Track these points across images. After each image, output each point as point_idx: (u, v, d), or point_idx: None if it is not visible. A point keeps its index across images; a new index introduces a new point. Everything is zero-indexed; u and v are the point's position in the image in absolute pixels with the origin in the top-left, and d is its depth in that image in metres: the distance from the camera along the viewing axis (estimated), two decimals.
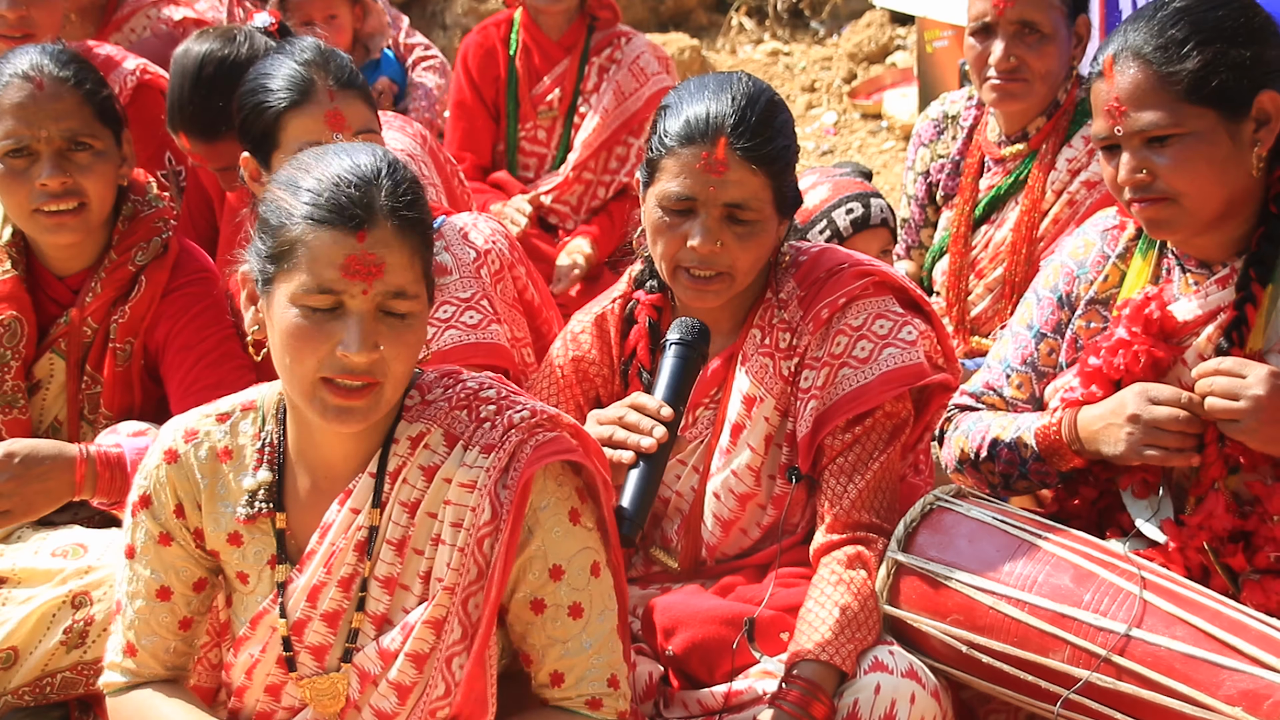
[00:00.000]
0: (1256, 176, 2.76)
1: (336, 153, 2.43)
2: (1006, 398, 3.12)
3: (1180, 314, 2.86)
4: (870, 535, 2.87)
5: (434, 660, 2.47)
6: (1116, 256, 2.98)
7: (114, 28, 4.74)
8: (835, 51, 9.02)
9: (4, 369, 3.36)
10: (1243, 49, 2.71)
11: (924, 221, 4.28)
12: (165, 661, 2.62)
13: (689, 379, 2.82)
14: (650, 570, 3.08)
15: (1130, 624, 2.61)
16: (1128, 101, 2.73)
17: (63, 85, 3.27)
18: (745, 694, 2.78)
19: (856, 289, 2.95)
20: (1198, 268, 2.87)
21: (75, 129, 3.27)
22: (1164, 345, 2.84)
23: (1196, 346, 2.84)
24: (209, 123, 3.75)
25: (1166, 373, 2.86)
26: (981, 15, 3.87)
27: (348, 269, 2.33)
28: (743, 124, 2.84)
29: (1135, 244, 2.97)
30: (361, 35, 5.51)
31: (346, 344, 2.34)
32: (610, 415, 2.77)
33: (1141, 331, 2.84)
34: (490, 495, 2.45)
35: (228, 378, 3.29)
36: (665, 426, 2.71)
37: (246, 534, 2.55)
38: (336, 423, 2.41)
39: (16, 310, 3.36)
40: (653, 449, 2.69)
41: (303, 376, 2.38)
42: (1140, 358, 2.83)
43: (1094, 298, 2.98)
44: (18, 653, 3.19)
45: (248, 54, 3.74)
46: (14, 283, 3.37)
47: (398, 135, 4.08)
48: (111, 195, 3.36)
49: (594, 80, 5.04)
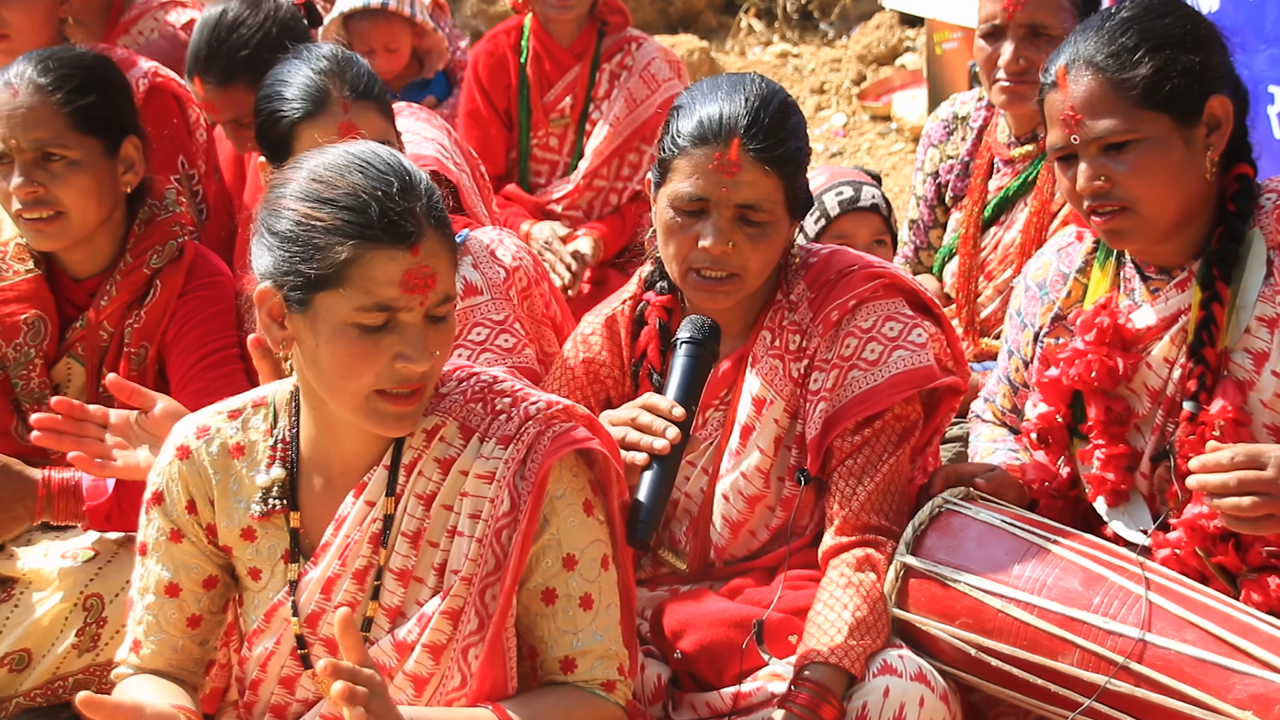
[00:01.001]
0: (1210, 180, 2.80)
1: (351, 159, 2.39)
2: (999, 407, 3.25)
3: (1141, 320, 2.88)
4: (879, 538, 2.87)
5: (450, 651, 2.48)
6: (1076, 272, 3.02)
7: (121, 30, 4.74)
8: (844, 53, 9.02)
9: (29, 366, 3.38)
10: (1191, 54, 2.75)
11: (933, 222, 4.27)
12: (170, 660, 2.62)
13: (700, 378, 2.81)
14: (659, 572, 3.08)
15: (1143, 628, 2.61)
16: (1083, 109, 2.76)
17: (36, 94, 3.26)
18: (754, 696, 2.78)
19: (866, 291, 2.95)
20: (1157, 274, 2.90)
21: (43, 139, 3.26)
22: (1120, 353, 2.86)
23: (1160, 351, 2.86)
24: (224, 68, 3.82)
25: (1126, 380, 2.88)
26: (991, 17, 3.87)
27: (407, 284, 2.33)
28: (756, 125, 2.84)
29: (1094, 256, 3.00)
30: (419, 53, 5.53)
31: (408, 356, 2.35)
32: (622, 417, 2.76)
33: (1094, 341, 2.87)
34: (510, 486, 2.46)
35: (214, 384, 3.31)
36: (678, 426, 2.71)
37: (260, 529, 2.56)
38: (394, 429, 2.44)
39: (40, 309, 3.38)
40: (666, 450, 2.69)
41: (357, 392, 2.38)
42: (1093, 368, 2.86)
43: (1058, 314, 3.03)
44: (31, 655, 3.20)
45: (271, 11, 3.84)
46: (37, 281, 3.40)
47: (424, 126, 4.06)
48: (98, 203, 3.34)
49: (605, 87, 5.02)
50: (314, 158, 2.42)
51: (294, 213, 2.36)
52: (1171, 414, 2.85)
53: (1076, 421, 2.96)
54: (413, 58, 5.53)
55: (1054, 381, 2.93)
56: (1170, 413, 2.85)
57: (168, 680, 2.59)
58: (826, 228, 3.98)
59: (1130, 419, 2.90)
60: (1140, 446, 2.89)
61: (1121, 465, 2.89)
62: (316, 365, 2.40)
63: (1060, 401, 2.95)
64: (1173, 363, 2.84)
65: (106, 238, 3.41)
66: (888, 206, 4.10)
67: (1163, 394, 2.85)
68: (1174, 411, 2.85)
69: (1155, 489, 2.89)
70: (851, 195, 4.02)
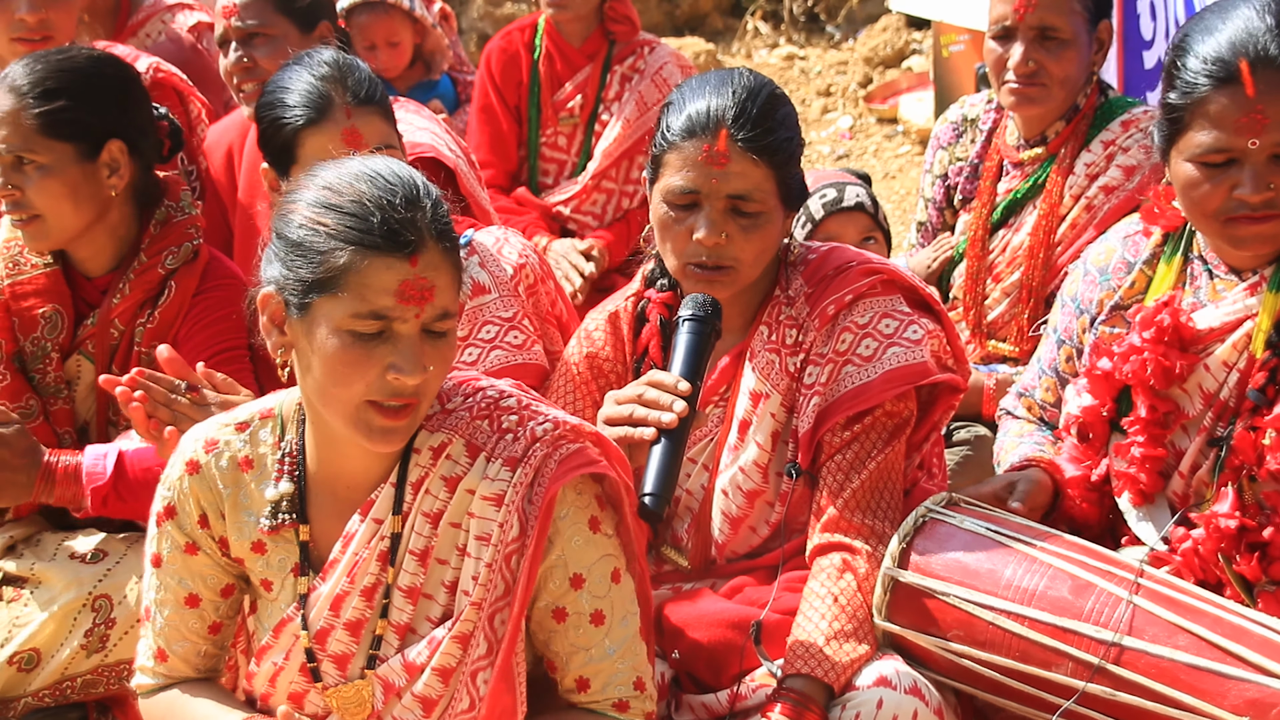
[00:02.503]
0: None
1: (362, 170, 2.40)
2: (1038, 400, 3.19)
3: (1205, 321, 2.84)
4: (861, 539, 2.85)
5: (460, 675, 2.47)
6: (1142, 263, 2.97)
7: (129, 33, 4.76)
8: (851, 56, 9.02)
9: (46, 361, 3.39)
10: None
11: (941, 225, 4.27)
12: (196, 665, 2.65)
13: (704, 354, 2.81)
14: (661, 569, 3.08)
15: (1122, 633, 2.59)
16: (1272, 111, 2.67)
17: (10, 97, 3.27)
18: (751, 698, 2.78)
19: (863, 286, 2.95)
20: (1227, 274, 2.86)
21: (13, 144, 3.27)
22: (1177, 353, 2.82)
23: (1221, 354, 2.82)
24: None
25: (1181, 381, 2.85)
26: (1002, 19, 3.86)
27: (402, 294, 2.33)
28: (743, 115, 2.85)
29: (1162, 249, 2.96)
30: (423, 53, 5.54)
31: (399, 368, 2.34)
32: (628, 394, 2.76)
33: (1153, 339, 2.83)
34: (519, 511, 2.45)
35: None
36: (684, 401, 2.71)
37: (270, 543, 2.56)
38: (381, 443, 2.42)
39: (57, 303, 3.40)
40: (673, 424, 2.68)
41: (348, 401, 2.38)
42: (1148, 366, 2.83)
43: (1118, 304, 2.98)
44: (39, 655, 3.21)
45: None
46: (54, 275, 3.41)
47: (415, 117, 4.09)
48: (74, 207, 3.31)
49: (616, 89, 5.03)
50: (329, 168, 2.44)
51: (301, 218, 2.38)
52: (1222, 418, 2.82)
53: (1120, 415, 2.93)
54: (418, 59, 5.54)
55: (1106, 375, 2.89)
56: (1221, 416, 2.82)
57: (206, 689, 2.63)
58: (813, 231, 3.99)
59: (1177, 420, 2.86)
60: (1183, 446, 2.87)
61: (1155, 468, 2.86)
62: (311, 372, 2.40)
63: (1108, 396, 2.91)
64: (1232, 366, 2.80)
65: (110, 238, 3.40)
66: (874, 205, 4.08)
67: (1216, 397, 2.82)
68: (1225, 415, 2.82)
69: (1191, 490, 2.86)
70: (835, 196, 4.01)
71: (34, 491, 3.11)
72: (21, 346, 3.39)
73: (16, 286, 3.38)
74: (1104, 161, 3.90)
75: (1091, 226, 3.84)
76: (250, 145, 4.11)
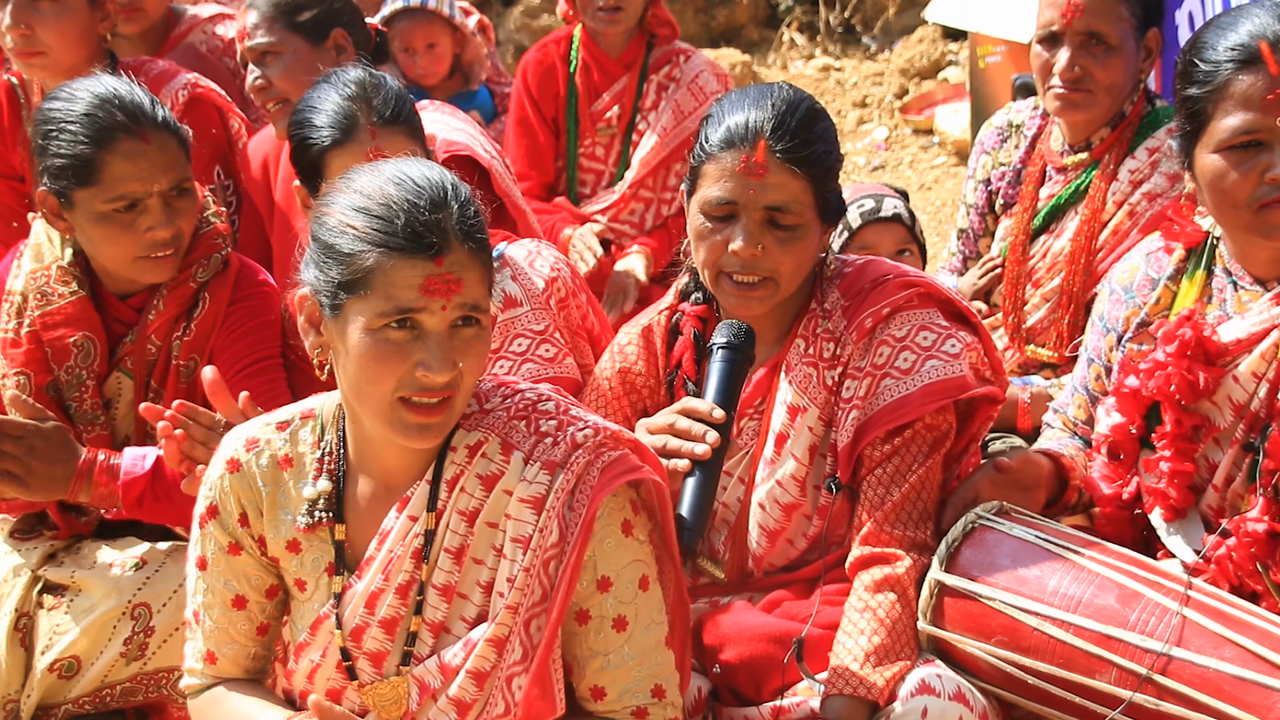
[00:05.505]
0: None
1: (394, 173, 2.43)
2: (1070, 417, 3.19)
3: (1231, 333, 2.83)
4: (904, 550, 2.84)
5: (494, 679, 2.47)
6: (1166, 279, 2.97)
7: (173, 44, 4.78)
8: (887, 67, 9.00)
9: (81, 389, 3.39)
10: None
11: (983, 230, 4.24)
12: (245, 666, 2.67)
13: (737, 382, 2.81)
14: (698, 582, 3.08)
15: (1171, 643, 2.58)
16: None
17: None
18: (794, 712, 2.77)
19: (901, 300, 2.94)
20: (1251, 285, 2.85)
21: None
22: (1202, 367, 2.81)
23: (1249, 365, 2.81)
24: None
25: (1207, 394, 2.83)
26: (1049, 24, 3.84)
27: (427, 288, 2.35)
28: (782, 127, 2.85)
29: (1185, 265, 2.95)
30: (461, 63, 5.58)
31: (427, 364, 2.37)
32: (661, 424, 2.76)
33: (1175, 354, 2.82)
34: (559, 517, 2.46)
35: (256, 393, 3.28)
36: (717, 430, 2.70)
37: (305, 541, 2.58)
38: (416, 440, 2.44)
39: (88, 330, 3.39)
40: (707, 455, 2.68)
41: (380, 398, 2.40)
42: (1173, 380, 2.82)
43: (1144, 320, 2.98)
44: (80, 662, 3.21)
45: None
46: (83, 303, 3.40)
47: (450, 118, 4.11)
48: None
49: (653, 98, 5.04)
50: (363, 172, 2.48)
51: (333, 221, 2.42)
52: (1254, 429, 2.81)
53: (1149, 432, 2.92)
54: (456, 70, 5.55)
55: (1133, 392, 2.89)
56: (1252, 427, 2.81)
57: (252, 688, 2.65)
58: (850, 240, 4.02)
59: (1208, 434, 2.86)
60: (1216, 459, 2.85)
61: (1185, 483, 2.85)
62: (346, 371, 2.44)
63: (1136, 413, 2.91)
64: (1261, 377, 2.79)
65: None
66: (911, 218, 4.12)
67: (1246, 408, 2.81)
68: (1256, 426, 2.80)
69: (1228, 504, 2.84)
70: (873, 207, 4.07)
71: (71, 488, 3.13)
72: (56, 376, 3.40)
73: (46, 317, 3.39)
74: (1148, 168, 3.87)
75: (1134, 233, 3.81)
76: (285, 158, 4.13)
